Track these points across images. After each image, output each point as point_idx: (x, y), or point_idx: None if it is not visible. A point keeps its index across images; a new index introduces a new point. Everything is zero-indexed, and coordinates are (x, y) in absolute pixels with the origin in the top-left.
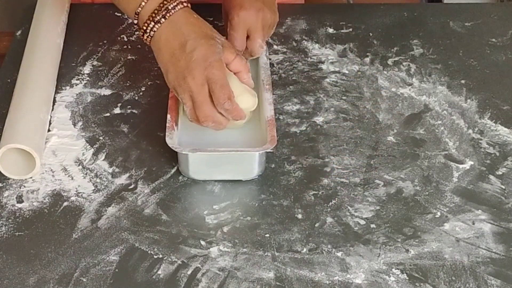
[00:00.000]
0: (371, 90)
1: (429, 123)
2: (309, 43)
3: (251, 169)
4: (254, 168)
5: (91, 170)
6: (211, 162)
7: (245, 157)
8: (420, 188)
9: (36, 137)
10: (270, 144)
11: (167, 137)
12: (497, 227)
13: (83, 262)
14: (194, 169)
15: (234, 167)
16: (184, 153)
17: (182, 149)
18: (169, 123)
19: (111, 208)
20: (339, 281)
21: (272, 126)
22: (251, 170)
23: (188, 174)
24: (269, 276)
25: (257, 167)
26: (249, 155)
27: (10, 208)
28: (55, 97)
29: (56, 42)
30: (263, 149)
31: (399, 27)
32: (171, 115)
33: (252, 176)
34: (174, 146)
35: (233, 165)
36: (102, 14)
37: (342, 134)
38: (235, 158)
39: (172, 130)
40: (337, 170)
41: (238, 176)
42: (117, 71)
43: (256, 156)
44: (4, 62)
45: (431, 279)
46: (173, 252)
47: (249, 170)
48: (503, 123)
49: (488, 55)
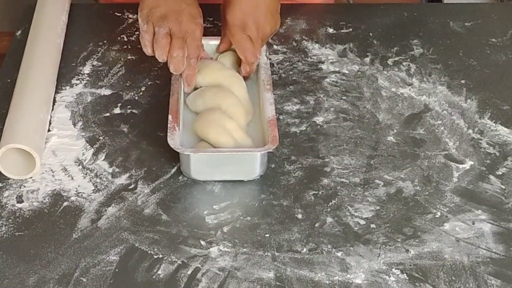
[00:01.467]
0: (371, 90)
1: (429, 123)
2: (309, 43)
3: (253, 170)
4: (256, 168)
5: (91, 170)
6: (212, 162)
7: (247, 158)
8: (420, 188)
9: (36, 137)
10: (272, 144)
11: (168, 137)
12: (497, 227)
13: (83, 262)
14: (195, 170)
15: (236, 168)
16: (186, 153)
17: (184, 150)
18: (170, 124)
19: (111, 208)
20: (339, 281)
21: (274, 126)
22: (253, 170)
23: (190, 175)
24: (269, 276)
25: (259, 168)
26: (250, 155)
27: (10, 208)
28: (55, 97)
29: (56, 42)
30: (265, 149)
31: (399, 27)
32: (172, 115)
33: (254, 177)
34: (176, 146)
35: (235, 166)
36: (102, 14)
37: (342, 134)
38: (236, 158)
39: (174, 130)
40: (337, 170)
41: (240, 177)
42: (117, 71)
43: (258, 156)
44: (4, 62)
45: (431, 279)
46: (173, 252)
47: (251, 171)
48: (503, 123)
49: (488, 55)
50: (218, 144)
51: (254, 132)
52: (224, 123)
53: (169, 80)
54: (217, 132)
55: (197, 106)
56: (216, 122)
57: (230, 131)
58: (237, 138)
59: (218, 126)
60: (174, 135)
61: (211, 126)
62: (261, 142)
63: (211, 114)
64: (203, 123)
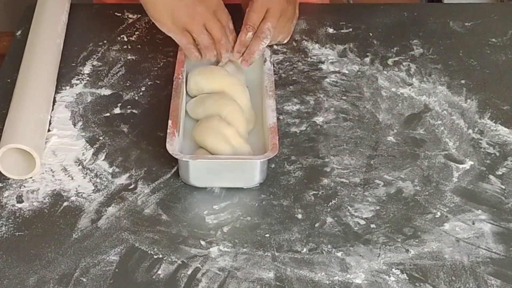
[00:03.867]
0: (371, 90)
1: (429, 123)
2: (309, 43)
3: (252, 177)
4: (256, 176)
5: (91, 170)
6: (212, 169)
7: (246, 165)
8: (420, 188)
9: (36, 137)
10: (272, 152)
11: (167, 143)
12: (497, 227)
13: (83, 262)
14: (194, 176)
15: (235, 175)
16: (184, 160)
17: (182, 156)
18: (170, 129)
19: (111, 208)
20: (339, 281)
21: (274, 134)
22: (252, 178)
23: (189, 181)
24: (269, 276)
25: (259, 175)
26: (250, 163)
27: (10, 208)
28: (55, 97)
29: (56, 42)
30: (264, 157)
31: (399, 27)
32: (172, 120)
33: (253, 184)
34: (175, 153)
35: (234, 173)
36: (102, 14)
37: (342, 134)
38: (236, 165)
39: (173, 136)
40: (337, 170)
41: (239, 184)
42: (117, 71)
43: (258, 164)
44: (4, 62)
45: (431, 279)
46: (173, 252)
47: (250, 178)
48: (503, 123)
49: (488, 55)
50: (216, 151)
51: (255, 138)
52: (222, 129)
53: (169, 80)
54: (215, 139)
55: (197, 113)
56: (215, 129)
57: (228, 138)
58: (236, 145)
59: (216, 133)
60: (173, 141)
61: (209, 133)
62: (262, 149)
63: (210, 121)
64: (202, 130)
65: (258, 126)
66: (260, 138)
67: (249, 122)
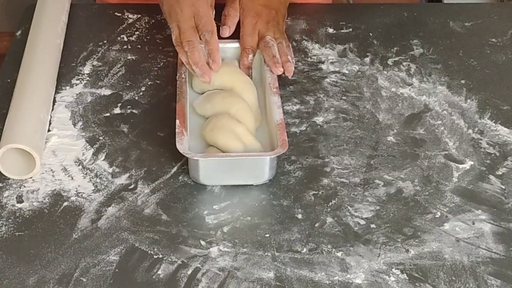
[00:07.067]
0: (371, 90)
1: (429, 123)
2: (309, 43)
3: (262, 174)
4: (265, 172)
5: (91, 170)
6: (221, 167)
7: (257, 162)
8: (420, 188)
9: (36, 137)
10: (282, 148)
11: (177, 143)
12: (497, 227)
13: (83, 262)
14: (204, 175)
15: (245, 172)
16: (195, 158)
17: (193, 155)
18: (178, 129)
19: (111, 208)
20: (339, 281)
21: (283, 130)
22: (262, 174)
23: (199, 180)
24: (269, 276)
25: (268, 172)
26: (260, 160)
27: (10, 208)
28: (55, 97)
29: (56, 42)
30: (274, 153)
31: (399, 27)
32: (180, 120)
33: (263, 181)
34: (185, 152)
35: (244, 170)
36: (102, 14)
37: (342, 134)
38: (246, 163)
39: (182, 135)
40: (337, 170)
41: (249, 181)
42: (117, 71)
43: (268, 160)
44: (4, 62)
45: (431, 279)
46: (173, 252)
47: (260, 175)
48: (503, 123)
49: (488, 55)
50: (228, 149)
51: (261, 136)
52: (233, 127)
53: (169, 80)
54: (226, 137)
55: (205, 110)
56: (225, 127)
57: (239, 135)
58: (247, 142)
59: (227, 131)
60: (183, 140)
61: (220, 131)
62: (268, 146)
63: (220, 120)
64: (212, 129)
65: (262, 124)
66: (265, 135)
67: (256, 119)
